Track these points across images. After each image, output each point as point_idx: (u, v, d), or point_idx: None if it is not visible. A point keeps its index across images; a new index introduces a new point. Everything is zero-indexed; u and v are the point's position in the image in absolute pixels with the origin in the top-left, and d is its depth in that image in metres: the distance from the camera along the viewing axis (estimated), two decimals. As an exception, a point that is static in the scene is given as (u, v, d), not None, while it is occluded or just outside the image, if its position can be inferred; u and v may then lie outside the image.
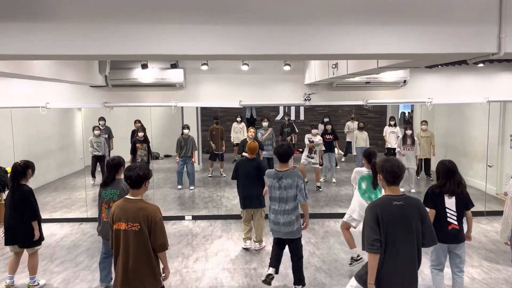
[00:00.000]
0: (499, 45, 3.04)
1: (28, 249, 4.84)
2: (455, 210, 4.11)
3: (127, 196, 3.38)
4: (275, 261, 4.79)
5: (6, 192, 4.92)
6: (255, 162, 5.94)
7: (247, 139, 8.27)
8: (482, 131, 8.04)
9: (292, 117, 12.45)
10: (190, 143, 9.19)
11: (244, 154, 6.52)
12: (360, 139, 9.64)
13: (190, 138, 9.22)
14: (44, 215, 7.76)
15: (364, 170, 5.00)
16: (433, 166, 9.24)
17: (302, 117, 12.59)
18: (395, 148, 9.90)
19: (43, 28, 3.00)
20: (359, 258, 5.24)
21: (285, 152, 4.49)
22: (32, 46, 3.03)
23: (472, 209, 4.31)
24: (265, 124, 9.31)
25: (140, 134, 8.85)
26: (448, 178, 4.12)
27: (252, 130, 8.37)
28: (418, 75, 7.51)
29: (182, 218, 7.56)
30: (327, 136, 9.35)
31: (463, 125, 9.61)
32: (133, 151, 8.86)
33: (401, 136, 8.75)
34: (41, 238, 4.86)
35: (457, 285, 4.27)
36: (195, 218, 7.57)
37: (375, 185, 4.81)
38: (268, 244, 6.26)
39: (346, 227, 5.25)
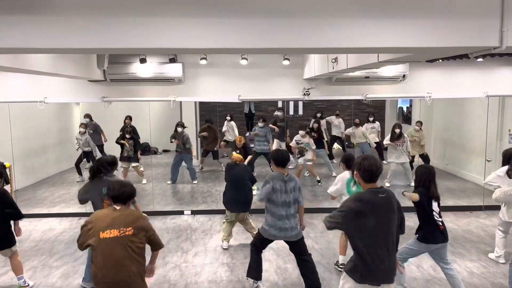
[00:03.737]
0: (501, 38, 3.03)
1: (2, 252, 4.63)
2: (438, 211, 4.15)
3: (114, 206, 3.30)
4: (258, 271, 4.66)
5: (5, 187, 4.82)
6: (244, 168, 6.02)
7: (236, 144, 8.21)
8: (481, 125, 8.04)
9: (291, 112, 12.42)
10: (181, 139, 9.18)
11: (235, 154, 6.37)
12: (357, 137, 9.61)
13: (183, 134, 9.20)
14: (42, 210, 7.83)
15: (348, 174, 4.87)
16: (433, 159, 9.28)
17: (301, 112, 12.56)
18: (378, 142, 9.95)
19: (41, 21, 2.97)
20: (341, 266, 5.14)
21: (283, 158, 4.47)
22: (30, 39, 2.99)
23: (471, 204, 4.32)
24: (260, 124, 9.22)
25: (127, 136, 8.89)
26: (425, 182, 4.14)
27: (238, 139, 8.28)
28: (417, 69, 7.49)
29: (181, 212, 7.56)
30: (313, 134, 9.25)
31: (462, 120, 9.61)
32: (122, 147, 8.94)
33: (388, 135, 8.69)
34: (13, 240, 4.68)
35: (454, 279, 4.23)
36: (194, 212, 7.57)
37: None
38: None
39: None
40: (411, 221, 4.43)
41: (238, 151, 7.29)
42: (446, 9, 3.05)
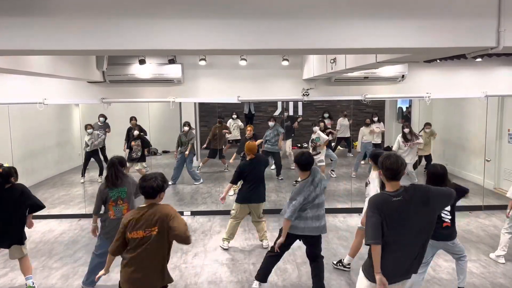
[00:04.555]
0: (498, 39, 3.03)
1: (16, 252, 4.65)
2: (448, 210, 4.18)
3: (140, 206, 3.24)
4: (266, 275, 4.60)
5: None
6: (259, 159, 5.91)
7: (246, 136, 8.30)
8: (480, 125, 8.05)
9: (291, 113, 12.45)
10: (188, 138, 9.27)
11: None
12: (368, 134, 9.60)
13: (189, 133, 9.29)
14: (42, 211, 7.78)
15: (375, 175, 4.74)
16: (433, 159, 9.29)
17: (300, 112, 12.58)
18: (380, 143, 9.93)
19: (41, 23, 2.97)
20: (347, 267, 5.18)
21: (306, 161, 4.36)
22: (30, 41, 3.00)
23: (470, 204, 4.31)
24: (271, 123, 9.17)
25: (135, 132, 9.01)
26: (438, 184, 4.09)
27: (249, 128, 8.39)
28: (416, 69, 7.50)
29: (180, 213, 7.50)
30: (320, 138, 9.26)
31: (461, 120, 9.62)
32: (130, 149, 9.01)
33: (399, 135, 8.60)
34: (24, 236, 4.73)
35: (459, 269, 4.40)
36: (193, 213, 7.58)
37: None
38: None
39: (362, 234, 4.95)
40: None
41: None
42: (444, 10, 3.05)
